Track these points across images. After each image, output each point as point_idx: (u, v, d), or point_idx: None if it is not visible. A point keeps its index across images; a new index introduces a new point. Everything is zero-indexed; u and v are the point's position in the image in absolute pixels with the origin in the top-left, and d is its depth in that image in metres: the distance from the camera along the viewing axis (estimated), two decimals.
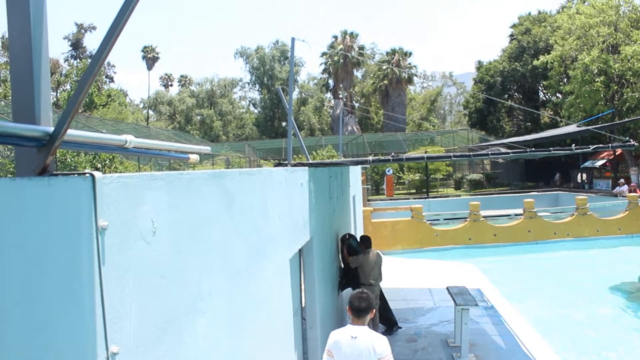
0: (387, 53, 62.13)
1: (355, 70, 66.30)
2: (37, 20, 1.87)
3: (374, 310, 4.57)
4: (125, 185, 1.96)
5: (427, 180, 40.47)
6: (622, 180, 31.22)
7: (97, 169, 19.00)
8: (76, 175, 1.72)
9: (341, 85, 64.25)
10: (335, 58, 61.27)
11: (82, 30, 66.26)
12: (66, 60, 64.42)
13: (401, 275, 14.62)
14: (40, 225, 1.69)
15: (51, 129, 1.82)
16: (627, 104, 31.50)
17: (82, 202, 1.72)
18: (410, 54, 61.18)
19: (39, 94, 1.87)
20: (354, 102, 65.64)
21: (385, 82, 60.30)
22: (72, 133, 1.96)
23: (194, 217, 2.67)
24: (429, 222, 20.52)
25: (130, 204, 2.00)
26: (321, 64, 65.66)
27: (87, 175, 1.74)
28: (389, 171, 37.37)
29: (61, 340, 1.69)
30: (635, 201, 21.37)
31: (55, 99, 44.42)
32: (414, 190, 42.08)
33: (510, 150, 7.60)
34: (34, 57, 1.87)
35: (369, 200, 29.55)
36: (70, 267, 1.70)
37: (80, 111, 35.51)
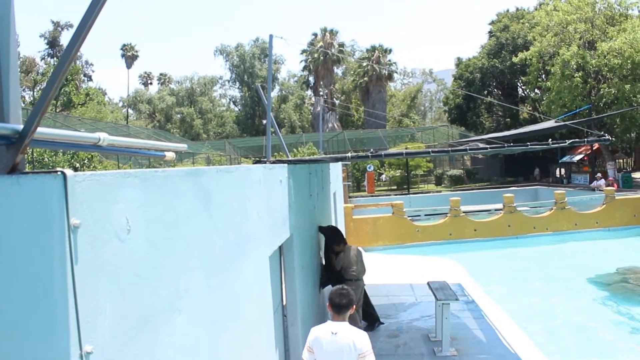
0: (367, 50, 62.29)
1: (335, 68, 66.43)
2: (3, 13, 1.84)
3: (355, 306, 4.57)
4: (98, 183, 1.94)
5: (408, 177, 40.64)
6: (599, 175, 31.68)
7: (75, 169, 18.82)
8: (46, 173, 1.70)
9: (322, 83, 64.27)
10: (316, 55, 61.24)
11: (59, 28, 65.34)
12: (42, 58, 63.52)
13: (382, 271, 14.67)
14: (10, 225, 1.66)
15: (20, 126, 1.79)
16: (604, 99, 31.93)
17: (53, 200, 1.69)
18: (390, 50, 61.45)
19: (7, 91, 1.84)
20: (334, 99, 65.65)
21: (366, 79, 60.44)
22: (42, 131, 1.94)
23: (171, 214, 2.65)
24: (410, 218, 20.61)
25: (104, 202, 1.98)
26: (301, 61, 65.70)
27: (58, 173, 1.71)
28: (370, 168, 37.47)
29: (33, 341, 1.67)
30: (612, 195, 21.67)
31: (32, 98, 43.84)
32: (395, 187, 42.25)
33: (488, 146, 7.66)
34: (1, 51, 1.83)
35: (350, 197, 29.61)
36: (42, 266, 1.68)
37: (58, 110, 35.11)
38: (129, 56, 74.45)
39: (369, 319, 9.98)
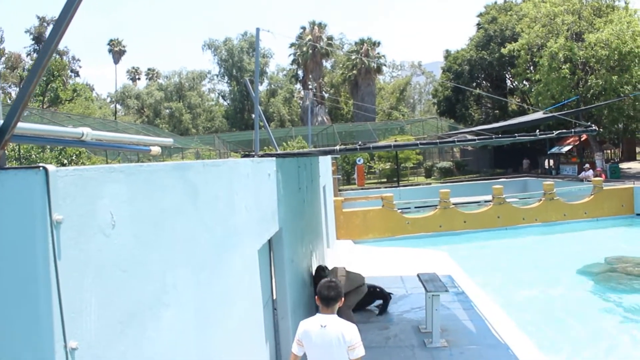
0: (356, 43, 62.21)
1: (324, 61, 66.29)
2: None
3: (343, 299, 4.56)
4: (81, 178, 1.92)
5: (398, 169, 40.70)
6: (587, 166, 31.85)
7: (63, 165, 18.68)
8: (28, 168, 1.68)
9: (310, 76, 64.12)
10: (304, 49, 61.11)
11: (45, 23, 64.76)
12: (28, 54, 63.01)
13: (373, 263, 14.71)
14: None
15: (0, 121, 1.77)
16: (592, 90, 32.07)
17: (34, 196, 1.68)
18: (379, 43, 61.41)
19: None
20: (323, 92, 65.57)
21: (355, 72, 60.35)
22: (23, 126, 1.92)
23: (157, 209, 2.64)
24: (400, 210, 20.66)
25: (88, 197, 1.96)
26: (290, 55, 65.58)
27: (40, 168, 1.70)
28: (359, 161, 37.48)
29: (17, 337, 1.66)
30: (600, 185, 21.82)
31: None
32: (385, 180, 42.30)
33: (475, 137, 7.68)
34: None
35: (340, 190, 29.63)
36: (24, 262, 1.67)
37: (45, 106, 34.81)
38: (116, 51, 73.96)
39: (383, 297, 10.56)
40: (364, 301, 10.27)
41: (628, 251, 16.20)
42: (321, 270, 9.48)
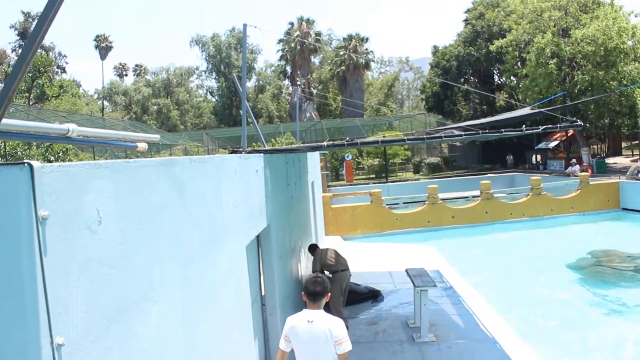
0: (344, 39, 62.17)
1: (312, 57, 66.18)
2: None
3: (330, 294, 4.57)
4: (67, 174, 1.92)
5: (386, 165, 40.78)
6: (574, 161, 32.14)
7: (49, 162, 18.53)
8: (12, 165, 1.68)
9: (299, 72, 64.05)
10: (292, 45, 61.01)
11: (30, 19, 64.10)
12: (14, 50, 62.30)
13: (361, 259, 14.73)
14: None
15: None
16: (578, 86, 32.30)
17: (19, 192, 1.68)
18: (367, 39, 61.40)
19: None
20: (312, 88, 65.51)
21: (343, 68, 60.37)
22: (7, 122, 1.91)
23: (143, 205, 2.64)
24: (388, 206, 20.71)
25: (73, 193, 1.96)
26: (278, 50, 65.45)
27: (25, 164, 1.69)
28: (348, 157, 37.51)
29: (3, 333, 1.66)
30: (587, 180, 22.00)
31: None
32: (374, 175, 42.39)
33: (463, 133, 7.71)
34: None
35: (328, 186, 29.64)
36: (9, 258, 1.66)
37: (31, 103, 34.51)
38: (103, 47, 73.34)
39: (373, 296, 10.97)
40: (356, 299, 10.48)
41: (614, 245, 16.37)
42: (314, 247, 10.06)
